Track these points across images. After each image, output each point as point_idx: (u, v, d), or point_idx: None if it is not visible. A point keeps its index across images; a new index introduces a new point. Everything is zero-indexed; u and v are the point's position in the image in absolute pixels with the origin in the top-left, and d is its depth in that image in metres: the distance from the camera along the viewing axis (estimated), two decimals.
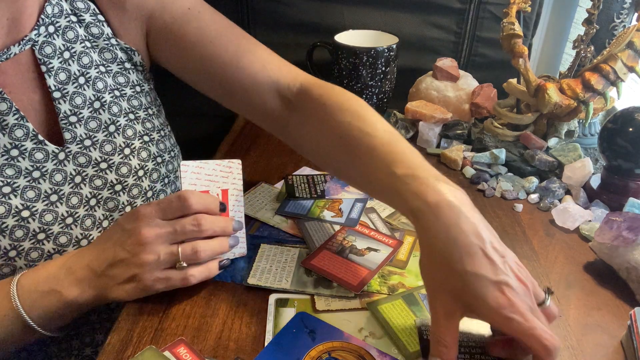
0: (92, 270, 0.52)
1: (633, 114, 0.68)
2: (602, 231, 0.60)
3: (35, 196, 0.56)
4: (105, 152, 0.62)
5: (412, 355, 0.49)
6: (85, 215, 0.60)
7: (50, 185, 0.58)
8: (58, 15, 0.59)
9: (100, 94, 0.62)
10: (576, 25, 1.14)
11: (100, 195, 0.61)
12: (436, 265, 0.44)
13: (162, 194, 0.67)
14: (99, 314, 0.64)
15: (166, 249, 0.52)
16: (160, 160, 0.67)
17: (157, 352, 0.48)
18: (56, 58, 0.59)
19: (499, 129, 0.86)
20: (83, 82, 0.61)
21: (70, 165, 0.59)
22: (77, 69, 0.60)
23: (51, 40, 0.58)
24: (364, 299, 0.55)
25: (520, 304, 0.41)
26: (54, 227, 0.58)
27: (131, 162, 0.63)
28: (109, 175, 0.62)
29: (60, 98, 0.59)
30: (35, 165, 0.57)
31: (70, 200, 0.59)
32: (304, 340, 0.50)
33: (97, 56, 0.62)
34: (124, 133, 0.63)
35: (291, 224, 0.67)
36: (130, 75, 0.66)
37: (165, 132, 0.70)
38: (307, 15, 1.02)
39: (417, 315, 0.53)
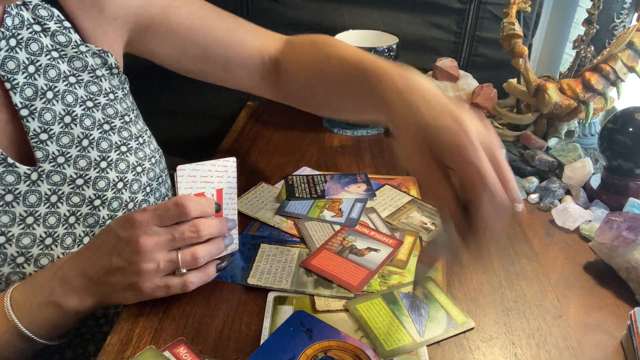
0: (88, 278, 0.51)
1: (633, 114, 0.68)
2: (602, 231, 0.60)
3: (9, 221, 0.54)
4: (80, 168, 0.59)
5: (388, 353, 0.49)
6: (65, 234, 0.58)
7: (25, 207, 0.55)
8: (19, 26, 0.56)
9: (71, 107, 0.59)
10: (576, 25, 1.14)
11: (79, 212, 0.59)
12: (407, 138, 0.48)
13: (144, 204, 0.64)
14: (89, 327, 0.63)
15: (166, 257, 0.51)
16: (140, 170, 0.64)
17: (157, 352, 0.48)
18: (20, 73, 0.55)
19: (499, 129, 0.86)
20: (51, 96, 0.57)
21: (45, 185, 0.56)
22: (44, 83, 0.57)
23: (14, 55, 0.55)
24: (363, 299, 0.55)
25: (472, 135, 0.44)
26: (32, 250, 0.55)
27: (109, 175, 0.61)
28: (87, 191, 0.59)
29: (29, 116, 0.56)
30: (7, 188, 0.54)
31: (48, 220, 0.56)
32: (300, 339, 0.50)
33: (65, 66, 0.59)
34: (99, 146, 0.60)
35: (291, 224, 0.67)
36: (103, 82, 0.63)
37: (144, 138, 0.67)
38: (307, 15, 1.02)
39: (395, 313, 0.53)
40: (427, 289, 0.57)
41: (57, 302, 0.51)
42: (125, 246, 0.50)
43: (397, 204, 0.72)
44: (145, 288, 0.51)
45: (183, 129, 1.10)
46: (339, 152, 0.87)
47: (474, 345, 0.51)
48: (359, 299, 0.55)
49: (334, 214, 0.69)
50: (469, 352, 0.50)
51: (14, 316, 0.50)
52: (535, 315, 0.55)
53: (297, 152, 0.87)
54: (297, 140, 0.90)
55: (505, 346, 0.51)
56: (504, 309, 0.55)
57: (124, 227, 0.51)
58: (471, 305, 0.56)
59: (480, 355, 0.50)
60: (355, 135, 0.93)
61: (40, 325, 0.51)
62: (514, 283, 0.59)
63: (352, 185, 0.76)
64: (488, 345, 0.51)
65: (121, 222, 0.52)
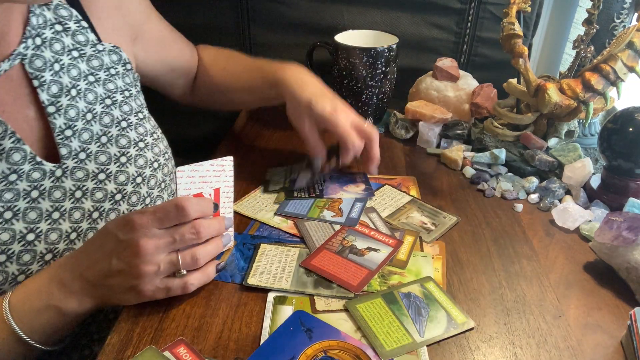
0: (87, 281, 0.51)
1: (633, 114, 0.68)
2: (602, 231, 0.60)
3: (37, 217, 0.55)
4: (101, 163, 0.60)
5: (388, 353, 0.49)
6: (89, 229, 0.59)
7: (51, 202, 0.56)
8: (42, 26, 0.58)
9: (91, 105, 0.61)
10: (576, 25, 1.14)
11: (102, 207, 0.60)
12: (297, 107, 0.72)
13: (159, 200, 0.66)
14: (98, 323, 0.63)
15: (166, 259, 0.51)
16: (156, 165, 0.66)
17: (157, 352, 0.48)
18: (47, 70, 0.57)
19: (499, 129, 0.86)
20: (75, 94, 0.59)
21: (69, 181, 0.58)
22: (68, 81, 0.59)
23: (40, 53, 0.57)
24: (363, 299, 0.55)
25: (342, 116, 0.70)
26: (59, 246, 0.56)
27: (128, 169, 0.62)
28: (109, 185, 0.61)
29: (55, 112, 0.57)
30: (33, 185, 0.55)
31: (73, 215, 0.58)
32: (300, 339, 0.50)
33: (85, 65, 0.61)
34: (117, 143, 0.62)
35: (291, 224, 0.67)
36: (118, 80, 0.65)
37: (158, 134, 0.69)
38: (307, 15, 1.02)
39: (395, 313, 0.53)
40: (427, 289, 0.57)
41: (56, 306, 0.50)
42: (125, 249, 0.50)
43: (397, 204, 0.72)
44: (145, 290, 0.51)
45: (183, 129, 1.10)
46: None
47: (474, 345, 0.51)
48: (359, 299, 0.55)
49: (334, 214, 0.69)
50: (469, 352, 0.50)
51: (13, 322, 0.49)
52: (535, 315, 0.55)
53: (297, 152, 0.87)
54: (297, 140, 0.90)
55: (505, 346, 0.51)
56: (504, 309, 0.55)
57: (123, 230, 0.51)
58: (471, 305, 0.56)
59: (480, 355, 0.50)
60: None
61: (39, 330, 0.51)
62: (514, 283, 0.59)
63: (351, 185, 0.76)
64: (488, 345, 0.51)
65: (120, 224, 0.51)
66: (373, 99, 0.92)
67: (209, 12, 1.02)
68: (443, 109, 0.90)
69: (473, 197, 0.76)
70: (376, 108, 0.93)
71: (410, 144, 0.90)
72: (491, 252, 0.64)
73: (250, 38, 1.04)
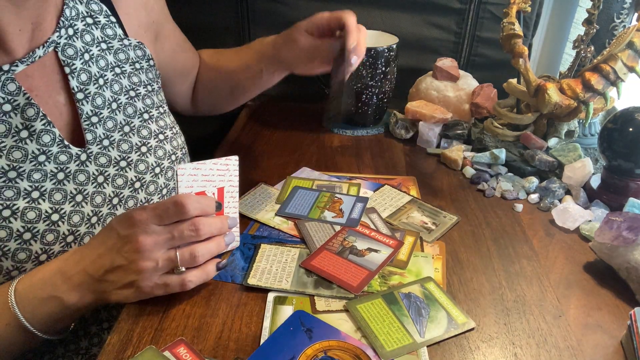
0: (89, 275, 0.52)
1: (633, 114, 0.68)
2: (602, 231, 0.60)
3: (62, 198, 0.57)
4: (123, 151, 0.63)
5: (389, 354, 0.49)
6: (108, 214, 0.61)
7: (75, 185, 0.58)
8: (75, 17, 0.61)
9: (117, 95, 0.63)
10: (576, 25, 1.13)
11: (122, 194, 0.62)
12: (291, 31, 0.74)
13: (173, 192, 0.68)
14: (109, 310, 0.64)
15: (164, 255, 0.52)
16: (174, 158, 0.68)
17: (157, 352, 0.48)
18: (78, 59, 0.60)
19: (499, 129, 0.86)
20: (102, 83, 0.62)
21: (92, 165, 0.60)
22: (96, 70, 0.62)
23: (72, 42, 0.60)
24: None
25: None
26: (81, 228, 0.58)
27: (148, 159, 0.65)
28: (129, 173, 0.63)
29: (83, 99, 0.60)
30: (59, 167, 0.57)
31: (95, 199, 0.60)
32: (300, 339, 0.50)
33: (112, 58, 0.64)
34: (139, 133, 0.65)
35: (291, 225, 0.67)
36: (141, 75, 0.67)
37: (176, 129, 0.72)
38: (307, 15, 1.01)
39: (395, 314, 0.53)
40: (428, 289, 0.57)
41: (59, 297, 0.51)
42: (125, 244, 0.51)
43: (397, 204, 0.72)
44: (144, 286, 0.51)
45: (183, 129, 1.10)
46: (339, 152, 0.87)
47: (474, 345, 0.51)
48: (360, 300, 0.55)
49: (335, 215, 0.69)
50: (469, 352, 0.50)
51: (17, 309, 0.51)
52: (535, 315, 0.55)
53: (297, 152, 0.87)
54: (297, 140, 0.91)
55: (505, 346, 0.51)
56: (504, 309, 0.55)
57: (124, 226, 0.52)
58: (471, 306, 0.56)
59: (480, 355, 0.50)
60: (355, 135, 0.93)
61: (42, 319, 0.52)
62: (514, 283, 0.59)
63: None
64: (488, 345, 0.51)
65: (121, 220, 0.52)
66: (373, 99, 0.92)
67: (209, 12, 1.02)
68: (443, 109, 0.90)
69: (473, 197, 0.76)
70: (376, 108, 0.93)
71: (410, 144, 0.91)
72: (491, 252, 0.64)
73: (250, 38, 1.04)
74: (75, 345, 0.63)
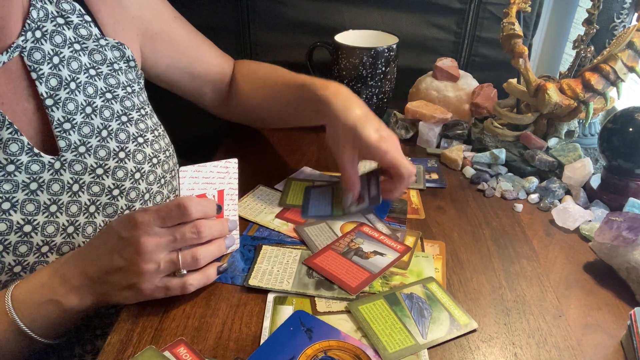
0: (88, 277, 0.51)
1: (633, 114, 0.68)
2: (602, 231, 0.60)
3: (35, 209, 0.55)
4: (100, 158, 0.60)
5: (392, 356, 0.49)
6: (86, 223, 0.59)
7: (49, 195, 0.56)
8: (44, 19, 0.58)
9: (91, 99, 0.61)
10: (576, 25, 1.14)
11: (99, 201, 0.60)
12: (340, 131, 0.65)
13: (158, 195, 0.66)
14: (100, 318, 0.64)
15: (166, 258, 0.51)
16: (155, 162, 0.66)
17: (157, 352, 0.48)
18: (46, 64, 0.57)
19: (499, 129, 0.86)
20: (74, 87, 0.59)
21: (67, 174, 0.58)
22: (67, 74, 0.59)
23: (39, 46, 0.57)
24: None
25: (392, 145, 0.64)
26: (56, 239, 0.57)
27: (127, 165, 0.62)
28: (106, 180, 0.61)
29: (53, 105, 0.57)
30: (32, 177, 0.55)
31: (70, 209, 0.58)
32: (300, 339, 0.50)
33: (86, 59, 0.61)
34: (117, 137, 0.62)
35: (291, 227, 0.67)
36: (121, 76, 0.65)
37: (159, 131, 0.69)
38: (307, 15, 1.02)
39: (397, 315, 0.53)
40: (430, 289, 0.57)
41: (57, 300, 0.51)
42: (127, 246, 0.50)
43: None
44: (144, 289, 0.51)
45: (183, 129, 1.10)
46: None
47: (474, 345, 0.51)
48: (361, 301, 0.55)
49: (357, 203, 0.69)
50: (469, 352, 0.50)
51: (15, 314, 0.50)
52: (535, 315, 0.55)
53: (297, 152, 0.87)
54: (297, 140, 0.91)
55: (505, 346, 0.51)
56: (504, 309, 0.55)
57: (125, 227, 0.51)
58: (471, 305, 0.56)
59: (480, 355, 0.50)
60: None
61: (40, 324, 0.51)
62: (514, 283, 0.59)
63: None
64: (488, 345, 0.51)
65: (123, 222, 0.52)
66: (373, 99, 0.92)
67: (209, 12, 1.02)
68: (443, 109, 0.90)
69: (473, 197, 0.76)
70: (376, 108, 0.93)
71: (410, 144, 0.91)
72: (491, 252, 0.64)
73: (250, 38, 1.04)
74: (69, 352, 0.62)
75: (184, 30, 0.77)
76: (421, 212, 0.71)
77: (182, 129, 1.09)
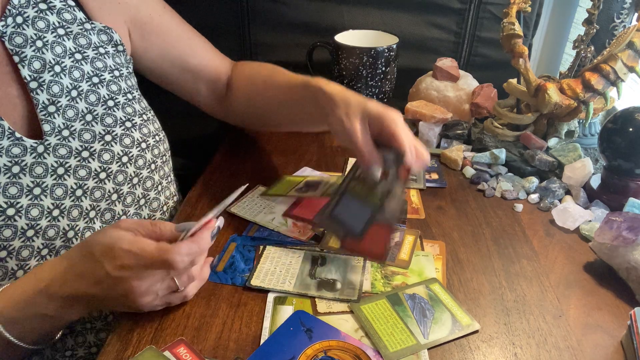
0: (80, 298, 0.49)
1: (633, 114, 0.68)
2: (602, 231, 0.60)
3: (17, 192, 0.55)
4: (85, 141, 0.60)
5: (393, 355, 0.49)
6: (72, 206, 0.59)
7: (32, 178, 0.56)
8: (25, 5, 0.58)
9: (77, 82, 0.61)
10: (576, 25, 1.14)
11: (86, 185, 0.60)
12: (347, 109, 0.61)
13: (148, 181, 0.66)
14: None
15: (163, 286, 0.51)
16: (144, 146, 0.66)
17: (157, 352, 0.48)
18: (28, 47, 0.57)
19: (499, 129, 0.86)
20: (59, 70, 0.59)
21: (51, 157, 0.57)
22: (51, 57, 0.59)
23: (21, 31, 0.57)
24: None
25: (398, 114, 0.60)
26: (41, 222, 0.56)
27: (114, 148, 0.62)
28: (92, 163, 0.60)
29: (37, 88, 0.57)
30: (13, 160, 0.54)
31: (55, 192, 0.57)
32: (300, 339, 0.50)
33: (71, 43, 0.61)
34: (103, 121, 0.62)
35: (291, 228, 0.67)
36: (107, 60, 0.65)
37: (148, 116, 0.69)
38: (307, 15, 1.02)
39: (399, 315, 0.53)
40: (433, 290, 0.57)
41: (47, 314, 0.49)
42: (117, 284, 0.48)
43: None
44: (144, 308, 0.51)
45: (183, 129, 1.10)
46: (339, 152, 0.87)
47: (474, 345, 0.51)
48: (364, 300, 0.55)
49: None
50: (469, 352, 0.50)
51: (3, 329, 0.49)
52: (535, 315, 0.55)
53: (297, 152, 0.87)
54: (297, 140, 0.90)
55: (505, 346, 0.51)
56: (504, 309, 0.55)
57: (111, 264, 0.47)
58: (471, 306, 0.56)
59: (480, 355, 0.50)
60: None
61: (29, 334, 0.50)
62: (514, 283, 0.59)
63: None
64: (488, 345, 0.51)
65: (108, 256, 0.47)
66: (373, 99, 0.92)
67: (209, 12, 1.02)
68: (443, 109, 0.90)
69: (473, 197, 0.76)
70: None
71: None
72: (491, 252, 0.64)
73: (250, 38, 1.04)
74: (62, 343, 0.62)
75: (174, 21, 0.76)
76: (421, 212, 0.71)
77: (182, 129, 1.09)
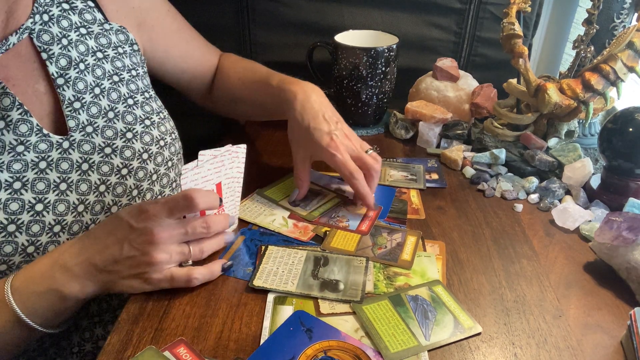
0: (92, 265, 0.52)
1: (633, 114, 0.68)
2: (602, 231, 0.60)
3: (45, 187, 0.56)
4: (108, 137, 0.62)
5: (394, 356, 0.49)
6: (95, 202, 0.60)
7: (58, 174, 0.57)
8: (50, 3, 0.60)
9: (100, 80, 0.63)
10: (576, 25, 1.14)
11: (109, 181, 0.62)
12: (296, 130, 0.68)
13: (165, 177, 0.68)
14: (99, 303, 0.64)
15: (177, 249, 0.54)
16: (162, 144, 0.68)
17: (157, 352, 0.48)
18: (55, 44, 0.59)
19: (499, 129, 0.86)
20: (83, 68, 0.61)
21: (76, 153, 0.59)
22: (76, 55, 0.61)
23: (47, 28, 0.59)
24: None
25: (341, 147, 0.66)
26: (67, 217, 0.58)
27: (134, 145, 0.64)
28: (115, 159, 0.62)
29: (64, 84, 0.59)
30: (40, 155, 0.56)
31: (80, 187, 0.59)
32: (300, 339, 0.50)
33: (93, 42, 0.63)
34: (124, 119, 0.64)
35: (292, 228, 0.67)
36: (125, 59, 0.67)
37: (164, 114, 0.71)
38: (307, 15, 1.02)
39: (401, 316, 0.53)
40: (435, 292, 0.57)
41: (58, 289, 0.51)
42: (139, 236, 0.52)
43: None
44: (153, 278, 0.52)
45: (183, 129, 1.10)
46: None
47: (474, 345, 0.51)
48: (366, 301, 0.55)
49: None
50: (469, 352, 0.50)
51: (15, 304, 0.50)
52: (535, 315, 0.55)
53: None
54: None
55: (505, 346, 0.51)
56: (504, 309, 0.55)
57: (137, 218, 0.52)
58: (471, 306, 0.56)
59: (480, 355, 0.50)
60: None
61: (41, 314, 0.51)
62: (514, 283, 0.59)
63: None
64: (488, 345, 0.51)
65: (133, 212, 0.53)
66: (373, 99, 0.92)
67: (209, 12, 1.02)
68: (443, 109, 0.90)
69: (473, 197, 0.76)
70: (376, 108, 0.94)
71: (410, 144, 0.91)
72: (491, 252, 0.64)
73: (250, 38, 1.04)
74: (67, 341, 0.63)
75: (176, 23, 0.79)
76: (421, 212, 0.71)
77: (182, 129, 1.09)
